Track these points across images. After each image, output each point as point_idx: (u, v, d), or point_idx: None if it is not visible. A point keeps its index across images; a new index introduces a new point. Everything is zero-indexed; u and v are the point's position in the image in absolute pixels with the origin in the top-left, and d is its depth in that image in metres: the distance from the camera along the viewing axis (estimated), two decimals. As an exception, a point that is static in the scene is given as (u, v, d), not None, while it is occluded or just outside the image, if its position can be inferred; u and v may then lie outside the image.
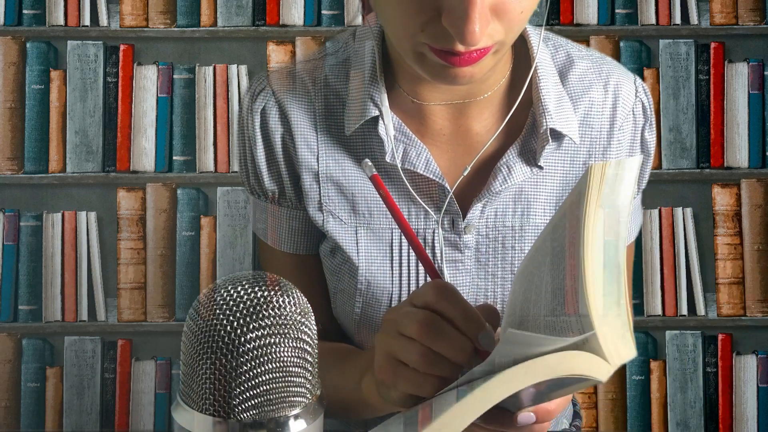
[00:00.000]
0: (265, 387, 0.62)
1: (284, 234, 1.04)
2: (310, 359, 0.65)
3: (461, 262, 0.98)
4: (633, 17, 2.04)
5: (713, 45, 2.03)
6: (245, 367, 0.61)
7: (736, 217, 2.03)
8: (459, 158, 0.98)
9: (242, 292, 0.62)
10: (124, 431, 2.02)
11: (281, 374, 0.62)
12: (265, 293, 0.63)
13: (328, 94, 1.00)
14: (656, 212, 2.03)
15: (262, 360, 0.61)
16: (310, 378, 0.65)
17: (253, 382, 0.62)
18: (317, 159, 0.99)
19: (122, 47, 2.03)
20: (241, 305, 0.62)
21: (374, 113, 0.95)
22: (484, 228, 0.98)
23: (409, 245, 0.91)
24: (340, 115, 0.99)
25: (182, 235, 2.03)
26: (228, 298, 0.62)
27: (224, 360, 0.61)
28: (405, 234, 0.83)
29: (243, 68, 2.04)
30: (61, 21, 2.02)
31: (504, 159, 0.96)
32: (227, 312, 0.62)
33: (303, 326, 0.64)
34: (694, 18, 2.03)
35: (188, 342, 0.63)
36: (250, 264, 2.03)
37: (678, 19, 2.03)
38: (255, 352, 0.61)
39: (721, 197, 2.03)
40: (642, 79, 1.17)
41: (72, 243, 2.01)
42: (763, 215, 2.03)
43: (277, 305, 0.63)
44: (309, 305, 0.65)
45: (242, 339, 0.61)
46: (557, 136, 0.97)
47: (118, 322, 2.02)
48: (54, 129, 2.02)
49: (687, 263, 2.03)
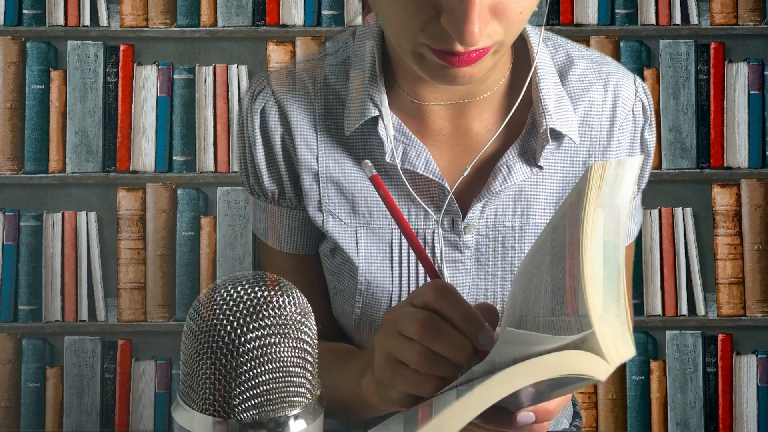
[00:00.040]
0: (265, 387, 0.62)
1: (284, 234, 1.04)
2: (310, 359, 0.65)
3: (461, 262, 0.98)
4: (633, 17, 2.04)
5: (713, 45, 2.03)
6: (245, 367, 0.61)
7: (736, 217, 2.03)
8: (459, 158, 0.98)
9: (242, 292, 0.62)
10: (124, 431, 2.02)
11: (281, 374, 0.62)
12: (265, 293, 0.63)
13: (328, 94, 1.00)
14: (656, 212, 2.03)
15: (262, 360, 0.61)
16: (310, 378, 0.65)
17: (253, 382, 0.62)
18: (317, 159, 0.99)
19: (122, 47, 2.03)
20: (241, 305, 0.62)
21: (374, 113, 0.95)
22: (484, 228, 0.98)
23: (409, 245, 0.91)
24: (340, 115, 0.99)
25: (182, 235, 2.03)
26: (228, 298, 0.62)
27: (224, 360, 0.61)
28: (405, 234, 0.83)
29: (243, 68, 2.04)
30: (61, 21, 2.02)
31: (504, 159, 0.96)
32: (227, 312, 0.62)
33: (303, 326, 0.64)
34: (694, 18, 2.03)
35: (188, 342, 0.63)
36: (250, 264, 2.03)
37: (678, 19, 2.03)
38: (255, 352, 0.61)
39: (721, 197, 2.03)
40: (642, 79, 1.17)
41: (72, 243, 2.01)
42: (763, 215, 2.03)
43: (277, 305, 0.63)
44: (309, 305, 0.65)
45: (242, 339, 0.61)
46: (557, 136, 0.97)
47: (118, 322, 2.02)
48: (54, 129, 2.02)
49: (687, 263, 2.03)
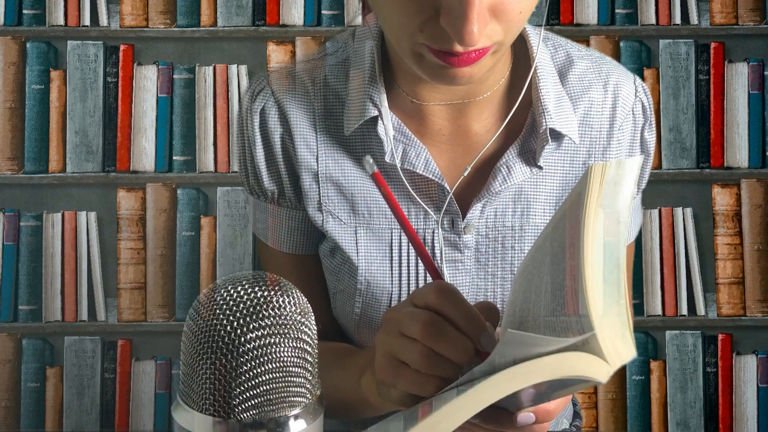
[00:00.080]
0: (265, 387, 0.62)
1: (284, 234, 1.04)
2: (310, 359, 0.65)
3: (461, 262, 0.98)
4: (633, 17, 2.04)
5: (713, 45, 2.03)
6: (245, 367, 0.61)
7: (736, 217, 2.03)
8: (458, 158, 0.98)
9: (242, 292, 0.62)
10: (124, 431, 2.02)
11: (281, 374, 0.62)
12: (265, 293, 0.63)
13: (328, 94, 1.00)
14: (656, 212, 2.03)
15: (262, 360, 0.61)
16: (310, 378, 0.65)
17: (253, 382, 0.62)
18: (316, 159, 0.99)
19: (122, 47, 2.03)
20: (241, 305, 0.62)
21: (373, 113, 0.95)
22: (484, 228, 0.98)
23: (410, 243, 0.91)
24: (340, 115, 0.99)
25: (182, 235, 2.03)
26: (228, 298, 0.62)
27: (224, 360, 0.61)
28: (406, 232, 0.83)
29: (243, 68, 2.04)
30: (61, 21, 2.02)
31: (503, 159, 0.96)
32: (227, 312, 0.62)
33: (303, 326, 0.64)
34: (694, 18, 2.03)
35: (188, 342, 0.63)
36: (250, 264, 2.03)
37: (678, 19, 2.03)
38: (255, 352, 0.61)
39: (721, 197, 2.03)
40: (642, 79, 1.17)
41: (72, 243, 2.01)
42: (763, 215, 2.03)
43: (277, 305, 0.63)
44: (309, 305, 0.65)
45: (242, 339, 0.61)
46: (557, 136, 0.97)
47: (118, 322, 2.02)
48: (54, 129, 2.02)
49: (687, 263, 2.03)
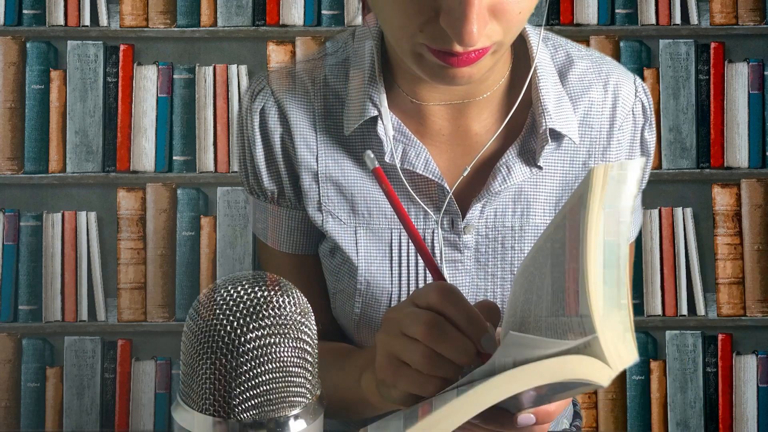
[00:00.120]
0: (265, 387, 0.62)
1: (283, 234, 1.04)
2: (310, 359, 0.65)
3: (461, 262, 0.98)
4: (633, 17, 2.04)
5: (713, 45, 2.03)
6: (245, 367, 0.61)
7: (736, 217, 2.03)
8: (458, 158, 0.98)
9: (242, 292, 0.62)
10: (124, 431, 2.02)
11: (281, 374, 0.62)
12: (265, 293, 0.63)
13: (328, 94, 1.00)
14: (656, 212, 2.03)
15: (262, 360, 0.61)
16: (310, 378, 0.65)
17: (253, 382, 0.62)
18: (316, 159, 0.99)
19: (122, 47, 2.03)
20: (241, 305, 0.62)
21: (373, 113, 0.95)
22: (484, 228, 0.98)
23: (410, 241, 0.90)
24: (339, 115, 0.99)
25: (182, 235, 2.03)
26: (228, 298, 0.62)
27: (224, 360, 0.61)
28: (406, 228, 0.83)
29: (243, 68, 2.04)
30: (61, 21, 2.02)
31: (503, 159, 0.96)
32: (227, 312, 0.62)
33: (303, 326, 0.64)
34: (694, 18, 2.03)
35: (188, 342, 0.63)
36: (250, 264, 2.03)
37: (678, 19, 2.03)
38: (255, 352, 0.61)
39: (721, 197, 2.03)
40: (642, 79, 1.17)
41: (72, 243, 2.01)
42: (763, 215, 2.03)
43: (277, 305, 0.63)
44: (309, 305, 0.65)
45: (242, 339, 0.61)
46: (557, 136, 0.97)
47: (118, 322, 2.02)
48: (54, 129, 2.02)
49: (687, 263, 2.03)
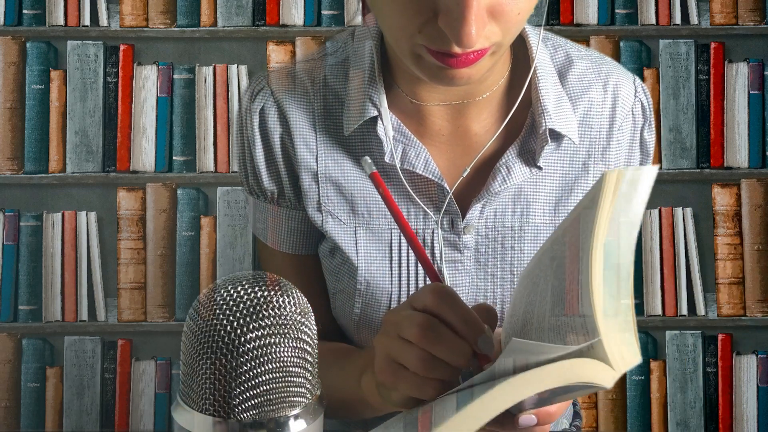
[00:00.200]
0: (265, 387, 0.62)
1: (283, 234, 1.04)
2: (310, 359, 0.65)
3: (460, 263, 0.98)
4: (633, 17, 2.04)
5: (713, 45, 2.03)
6: (245, 367, 0.61)
7: (736, 217, 2.03)
8: (458, 158, 0.98)
9: (242, 292, 0.63)
10: (124, 431, 2.02)
11: (281, 374, 0.62)
12: (265, 293, 0.63)
13: (327, 94, 1.00)
14: (656, 212, 2.03)
15: (262, 360, 0.61)
16: (310, 378, 0.65)
17: (253, 382, 0.62)
18: (316, 159, 0.99)
19: (122, 47, 2.03)
20: (241, 305, 0.62)
21: (373, 113, 0.95)
22: (484, 228, 0.98)
23: (408, 244, 0.90)
24: (339, 115, 0.99)
25: (182, 235, 2.03)
26: (228, 298, 0.62)
27: (224, 360, 0.61)
28: (404, 233, 0.83)
29: (243, 68, 2.04)
30: (61, 21, 2.02)
31: (503, 159, 0.96)
32: (227, 312, 0.62)
33: (303, 326, 0.64)
34: (694, 18, 2.03)
35: (188, 342, 0.63)
36: (250, 264, 2.03)
37: (678, 19, 2.03)
38: (255, 352, 0.61)
39: (721, 197, 2.03)
40: (642, 79, 1.17)
41: (72, 243, 2.01)
42: (763, 215, 2.03)
43: (277, 305, 0.63)
44: (309, 305, 0.65)
45: (242, 339, 0.61)
46: (556, 137, 0.97)
47: (118, 322, 2.02)
48: (54, 129, 2.02)
49: (687, 263, 2.03)
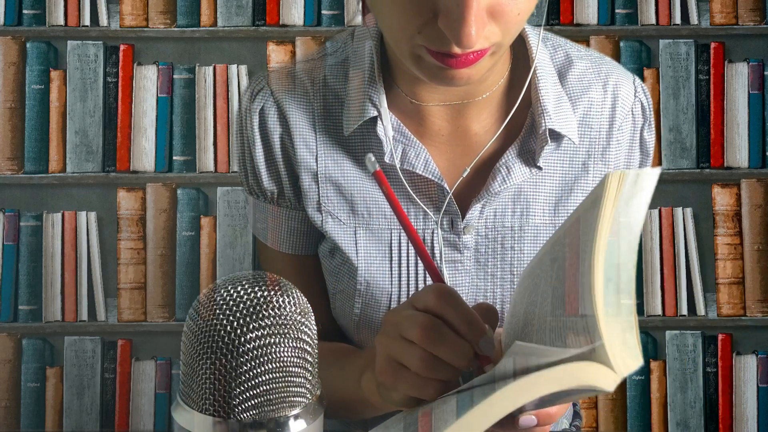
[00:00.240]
0: (265, 387, 0.62)
1: (283, 234, 1.04)
2: (310, 359, 0.65)
3: (460, 263, 0.98)
4: (633, 17, 2.04)
5: (713, 45, 2.03)
6: (245, 367, 0.61)
7: (736, 217, 2.03)
8: (458, 159, 0.98)
9: (242, 292, 0.63)
10: (124, 431, 2.02)
11: (281, 374, 0.62)
12: (265, 293, 0.63)
13: (327, 94, 1.00)
14: (656, 212, 2.03)
15: (262, 360, 0.61)
16: (310, 378, 0.65)
17: (253, 382, 0.62)
18: (316, 159, 0.99)
19: (122, 47, 2.03)
20: (241, 305, 0.62)
21: (373, 114, 0.95)
22: (483, 228, 0.98)
23: (410, 243, 0.90)
24: (339, 116, 0.99)
25: (182, 235, 2.03)
26: (228, 298, 0.62)
27: (224, 360, 0.61)
28: (406, 232, 0.83)
29: (243, 68, 2.04)
30: (61, 21, 2.02)
31: (503, 159, 0.96)
32: (227, 312, 0.62)
33: (303, 326, 0.64)
34: (694, 18, 2.03)
35: (188, 342, 0.63)
36: (250, 264, 2.03)
37: (678, 19, 2.03)
38: (255, 352, 0.61)
39: (721, 197, 2.03)
40: (642, 79, 1.17)
41: (72, 243, 2.01)
42: (763, 215, 2.03)
43: (277, 305, 0.63)
44: (309, 305, 0.65)
45: (242, 339, 0.61)
46: (556, 137, 0.97)
47: (118, 322, 2.02)
48: (54, 129, 2.02)
49: (687, 263, 2.03)
